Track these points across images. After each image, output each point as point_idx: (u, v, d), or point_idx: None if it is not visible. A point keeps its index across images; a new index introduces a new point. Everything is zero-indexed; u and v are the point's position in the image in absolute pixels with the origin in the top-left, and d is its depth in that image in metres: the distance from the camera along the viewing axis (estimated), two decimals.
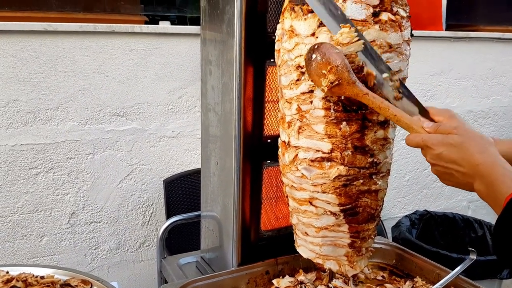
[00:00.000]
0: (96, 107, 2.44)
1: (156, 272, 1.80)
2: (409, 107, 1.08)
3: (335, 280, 1.38)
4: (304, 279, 1.43)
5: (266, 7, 1.35)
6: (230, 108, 1.40)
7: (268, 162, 1.46)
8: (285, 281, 1.43)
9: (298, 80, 1.14)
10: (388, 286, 1.44)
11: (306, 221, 1.23)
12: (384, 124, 1.14)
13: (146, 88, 2.53)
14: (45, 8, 2.40)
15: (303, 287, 1.39)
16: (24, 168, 2.35)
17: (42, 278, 1.37)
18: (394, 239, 2.49)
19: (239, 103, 1.37)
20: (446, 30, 3.54)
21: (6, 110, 2.27)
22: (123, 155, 2.55)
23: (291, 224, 1.33)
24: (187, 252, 1.79)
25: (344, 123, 1.10)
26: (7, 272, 1.39)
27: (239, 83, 1.36)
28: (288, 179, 1.23)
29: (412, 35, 1.17)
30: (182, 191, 2.59)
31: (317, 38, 1.08)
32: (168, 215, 2.50)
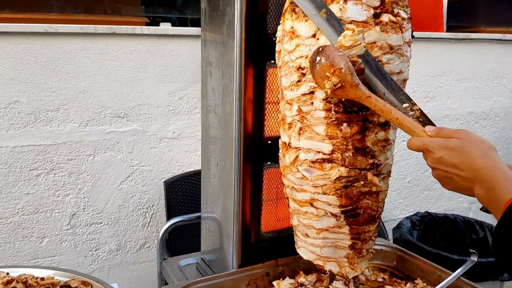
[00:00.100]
0: (96, 109, 2.44)
1: (157, 273, 1.80)
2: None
3: (335, 282, 1.37)
4: (305, 281, 1.42)
5: (267, 8, 1.35)
6: (231, 109, 1.40)
7: (269, 163, 1.46)
8: (285, 283, 1.43)
9: (299, 81, 1.14)
10: None
11: (306, 222, 1.22)
12: (385, 126, 1.14)
13: (146, 90, 2.53)
14: (46, 10, 2.40)
15: None
16: (25, 170, 2.36)
17: (42, 279, 1.37)
18: (395, 241, 2.48)
19: (239, 104, 1.37)
20: (446, 31, 3.54)
21: (7, 111, 2.28)
22: (124, 157, 2.55)
23: (292, 225, 1.33)
24: (187, 253, 1.78)
25: (345, 124, 1.10)
26: (7, 273, 1.39)
27: (240, 85, 1.35)
28: (289, 181, 1.23)
29: (413, 37, 1.17)
30: (183, 193, 2.59)
31: (318, 39, 1.09)
32: (169, 217, 2.49)
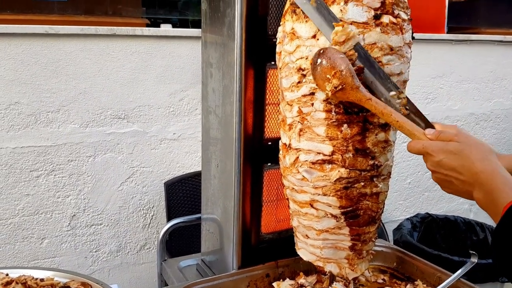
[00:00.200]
0: (97, 110, 2.44)
1: (157, 274, 1.79)
2: (416, 123, 1.07)
3: (335, 283, 1.37)
4: (305, 282, 1.42)
5: (267, 9, 1.35)
6: (231, 110, 1.40)
7: (269, 164, 1.46)
8: (285, 284, 1.43)
9: (299, 82, 1.14)
10: None
11: (306, 223, 1.22)
12: (385, 127, 1.14)
13: (147, 91, 2.53)
14: (46, 11, 2.40)
15: None
16: (25, 171, 2.36)
17: (42, 280, 1.36)
18: (395, 242, 2.48)
19: (239, 105, 1.37)
20: (447, 33, 3.54)
21: (8, 112, 2.28)
22: (124, 158, 2.54)
23: (292, 226, 1.33)
24: (188, 254, 1.78)
25: (345, 125, 1.10)
26: (7, 274, 1.38)
27: (240, 86, 1.36)
28: (289, 182, 1.23)
29: (413, 38, 1.17)
30: (183, 194, 2.59)
31: (318, 40, 1.09)
32: (169, 218, 2.49)
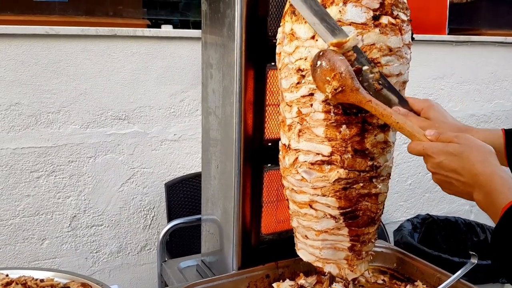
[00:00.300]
0: (97, 111, 2.44)
1: (157, 275, 1.80)
2: (389, 98, 1.09)
3: (335, 284, 1.37)
4: (305, 283, 1.42)
5: (267, 10, 1.36)
6: (231, 111, 1.40)
7: (269, 165, 1.46)
8: (285, 284, 1.43)
9: (298, 83, 1.14)
10: None
11: (306, 224, 1.22)
12: (384, 128, 1.14)
13: (147, 92, 2.53)
14: (47, 12, 2.41)
15: None
16: (25, 171, 2.36)
17: (42, 281, 1.36)
18: (396, 243, 2.48)
19: (239, 106, 1.37)
20: (448, 34, 3.54)
21: (8, 113, 2.28)
22: (125, 159, 2.55)
23: (292, 227, 1.33)
24: (188, 255, 1.78)
25: (344, 126, 1.10)
26: (7, 275, 1.38)
27: (240, 87, 1.36)
28: (289, 182, 1.23)
29: (413, 39, 1.17)
30: (184, 195, 2.59)
31: (316, 41, 1.09)
32: (170, 219, 2.49)
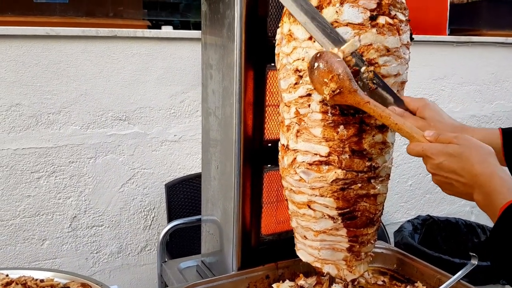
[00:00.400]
0: (98, 111, 2.45)
1: (157, 276, 1.80)
2: (384, 97, 1.08)
3: (335, 285, 1.37)
4: (304, 284, 1.42)
5: (267, 11, 1.35)
6: (231, 112, 1.40)
7: (269, 166, 1.46)
8: (285, 285, 1.43)
9: (296, 83, 1.14)
10: None
11: (304, 224, 1.22)
12: (382, 128, 1.14)
13: (148, 92, 2.54)
14: (47, 13, 2.41)
15: None
16: (26, 172, 2.36)
17: (42, 281, 1.37)
18: (396, 244, 2.48)
19: (239, 107, 1.37)
20: (449, 34, 3.54)
21: (9, 114, 2.28)
22: (125, 159, 2.55)
23: (292, 228, 1.33)
24: (189, 256, 1.78)
25: (341, 126, 1.10)
26: (7, 275, 1.39)
27: (240, 87, 1.36)
28: (287, 183, 1.23)
29: (412, 39, 1.17)
30: (184, 195, 2.59)
31: (314, 42, 1.09)
32: (170, 219, 2.49)
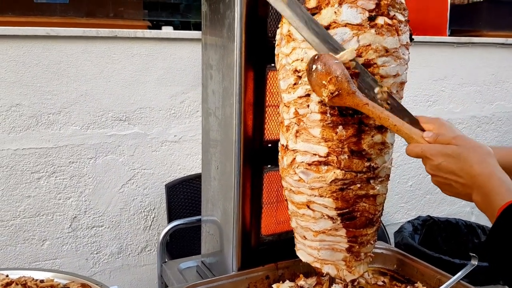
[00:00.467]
0: (98, 112, 2.45)
1: (157, 276, 1.80)
2: (398, 118, 1.07)
3: (335, 285, 1.37)
4: (304, 284, 1.42)
5: (267, 12, 1.36)
6: (231, 112, 1.40)
7: (269, 166, 1.46)
8: (285, 286, 1.43)
9: (295, 84, 1.14)
10: None
11: (304, 224, 1.22)
12: (381, 129, 1.14)
13: (148, 93, 2.54)
14: (48, 13, 2.42)
15: None
16: (26, 172, 2.36)
17: (42, 281, 1.37)
18: (396, 245, 2.47)
19: (239, 107, 1.37)
20: (449, 35, 3.54)
21: (9, 114, 2.29)
22: (125, 160, 2.55)
23: (292, 228, 1.33)
24: (189, 256, 1.78)
25: (340, 127, 1.10)
26: (7, 275, 1.39)
27: (239, 88, 1.36)
28: (287, 183, 1.23)
29: (412, 40, 1.17)
30: (184, 196, 2.59)
31: None
32: (170, 220, 2.49)
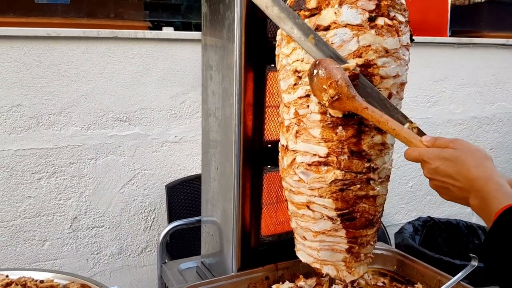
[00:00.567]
0: (98, 112, 2.45)
1: (157, 277, 1.80)
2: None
3: (335, 286, 1.37)
4: (304, 285, 1.42)
5: None
6: (230, 113, 1.40)
7: (269, 167, 1.46)
8: (285, 286, 1.43)
9: (295, 84, 1.14)
10: None
11: (304, 225, 1.22)
12: (381, 130, 1.14)
13: (148, 93, 2.54)
14: (48, 14, 2.42)
15: None
16: (26, 173, 2.36)
17: (42, 282, 1.37)
18: (397, 246, 2.47)
19: (239, 108, 1.37)
20: (450, 36, 3.53)
21: (10, 114, 2.29)
22: (126, 160, 2.55)
23: (292, 229, 1.33)
24: (189, 257, 1.78)
25: (340, 127, 1.10)
26: (7, 276, 1.39)
27: (239, 88, 1.36)
28: (287, 183, 1.23)
29: (412, 40, 1.17)
30: (184, 196, 2.59)
31: None
32: (170, 220, 2.49)
